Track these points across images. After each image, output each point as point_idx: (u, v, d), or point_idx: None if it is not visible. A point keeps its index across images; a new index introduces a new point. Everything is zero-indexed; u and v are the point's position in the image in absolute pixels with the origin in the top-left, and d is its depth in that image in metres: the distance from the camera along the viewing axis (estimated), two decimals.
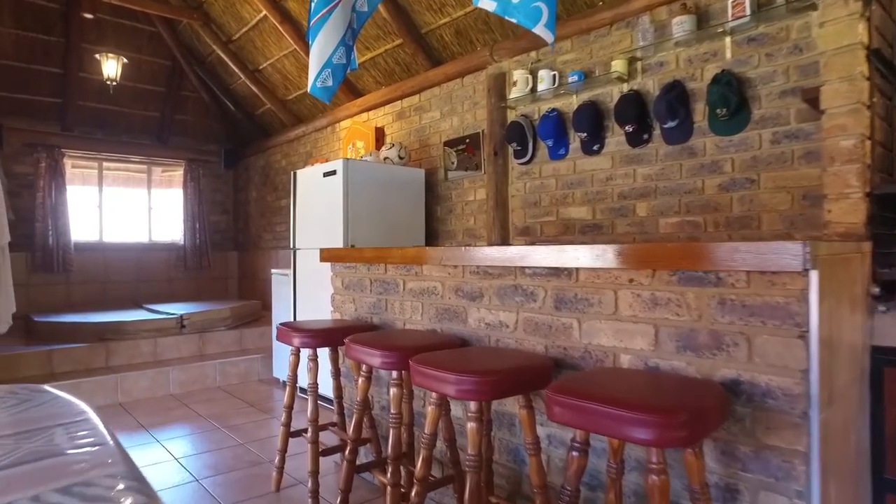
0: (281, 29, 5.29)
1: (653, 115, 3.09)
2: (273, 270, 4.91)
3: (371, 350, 2.01)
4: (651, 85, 3.14)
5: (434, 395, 1.71)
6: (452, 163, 4.42)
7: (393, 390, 2.02)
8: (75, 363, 4.47)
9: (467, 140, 4.26)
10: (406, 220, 4.32)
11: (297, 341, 2.43)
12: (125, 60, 5.59)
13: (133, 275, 7.09)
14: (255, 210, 7.51)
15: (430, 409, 1.75)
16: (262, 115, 7.03)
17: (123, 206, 7.27)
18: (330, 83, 2.99)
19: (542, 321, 1.98)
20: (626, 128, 3.18)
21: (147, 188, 7.45)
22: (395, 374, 2.01)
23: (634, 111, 3.13)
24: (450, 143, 4.41)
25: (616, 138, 3.34)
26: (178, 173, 7.57)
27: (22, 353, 4.31)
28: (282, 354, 4.76)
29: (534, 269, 1.99)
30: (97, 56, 5.49)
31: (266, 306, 6.45)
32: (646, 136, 3.17)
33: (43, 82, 6.33)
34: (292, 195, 4.43)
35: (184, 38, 6.65)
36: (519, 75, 3.73)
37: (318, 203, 4.16)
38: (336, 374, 2.73)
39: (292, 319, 4.44)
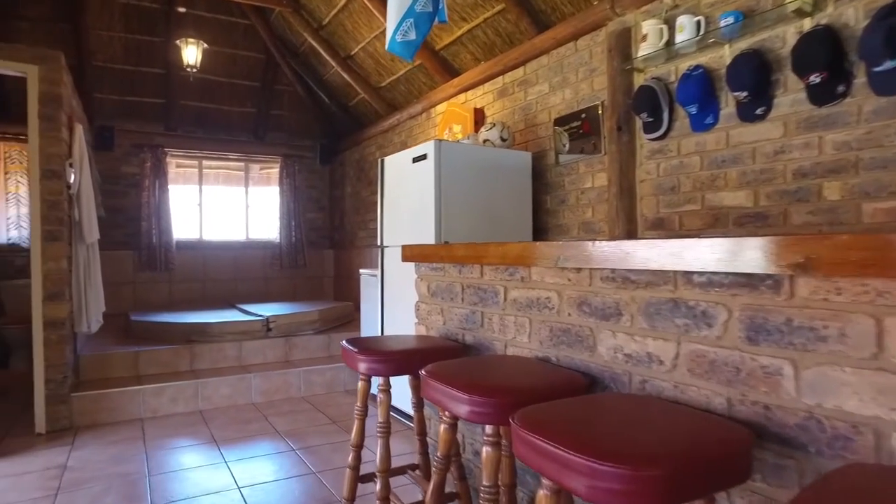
0: (370, 6, 4.84)
1: (857, 55, 2.20)
2: (361, 270, 4.46)
3: (456, 392, 1.38)
4: (852, 14, 2.25)
5: (550, 481, 1.05)
6: (564, 145, 3.70)
7: (486, 450, 1.38)
8: (161, 366, 4.27)
9: (583, 115, 3.52)
10: (509, 213, 3.67)
11: (363, 366, 1.86)
12: (205, 46, 5.39)
13: (230, 273, 7.02)
14: (350, 206, 7.19)
15: (541, 496, 1.09)
16: (355, 105, 6.67)
17: (222, 204, 7.24)
18: (412, 36, 2.42)
19: (721, 358, 1.25)
20: (811, 78, 2.31)
21: (244, 186, 7.37)
22: (489, 428, 1.37)
23: (824, 54, 2.26)
24: (561, 121, 3.70)
25: (791, 96, 2.47)
26: (275, 170, 7.43)
27: (112, 354, 4.16)
28: None
29: (709, 276, 1.27)
30: (177, 42, 5.32)
31: (359, 308, 6.06)
32: (841, 89, 2.29)
33: (148, 83, 6.37)
34: (379, 186, 3.93)
35: (276, 29, 6.44)
36: (650, 27, 2.95)
37: (406, 193, 3.62)
38: (418, 404, 2.14)
39: (379, 326, 3.94)
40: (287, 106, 7.25)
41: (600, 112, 3.38)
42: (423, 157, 3.38)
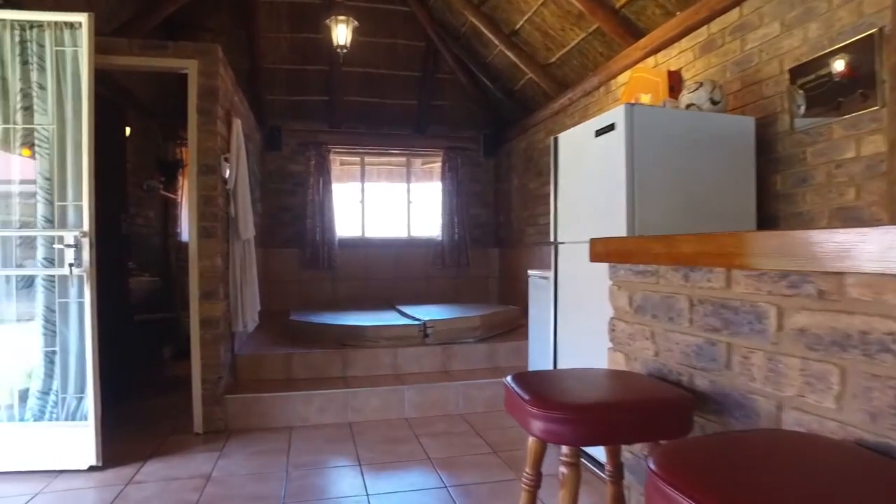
0: None
1: None
2: (530, 272, 3.81)
3: None
4: None
5: None
6: (799, 106, 2.70)
7: None
8: (312, 370, 4.04)
9: (840, 57, 2.49)
10: (725, 199, 2.76)
11: (539, 427, 1.20)
12: (356, 24, 5.09)
13: (391, 272, 6.83)
14: (517, 200, 6.59)
15: None
16: (522, 88, 6.05)
17: (384, 201, 7.09)
18: None
19: None
20: None
21: (406, 181, 7.14)
22: None
23: None
24: (801, 71, 2.69)
25: None
26: (437, 164, 7.10)
27: (266, 355, 4.03)
28: None
29: None
30: (326, 22, 5.09)
31: (527, 313, 5.43)
32: None
33: (313, 81, 6.39)
34: (552, 170, 3.25)
35: (436, 13, 6.05)
36: None
37: (587, 177, 2.89)
38: (615, 476, 1.43)
39: (552, 339, 3.26)
40: (449, 95, 6.86)
41: (877, 45, 2.33)
42: (610, 127, 2.62)
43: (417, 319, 4.52)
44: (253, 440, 3.35)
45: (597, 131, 2.77)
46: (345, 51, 5.09)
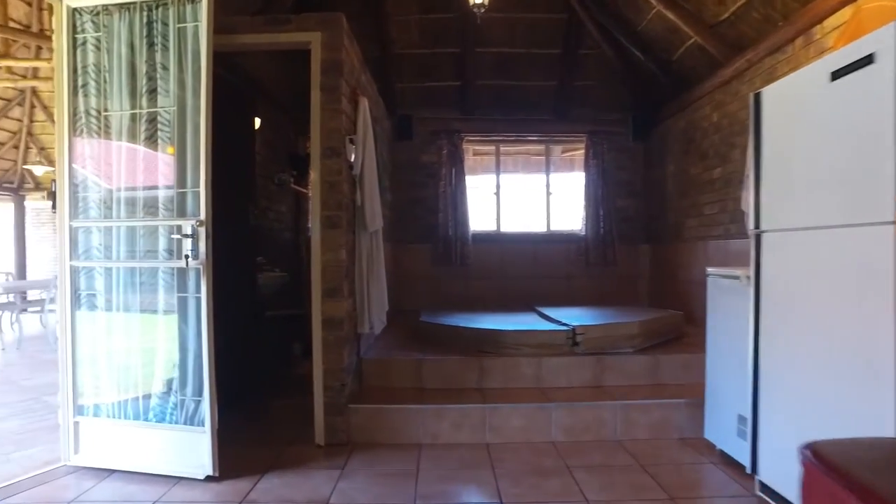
0: None
1: None
2: (710, 270, 3.03)
3: None
4: None
5: None
6: None
7: None
8: (445, 379, 3.58)
9: None
10: None
11: None
12: None
13: (529, 270, 6.23)
14: (673, 189, 5.69)
15: None
16: (681, 58, 5.16)
17: (520, 193, 6.52)
18: None
19: None
20: None
21: (545, 171, 6.51)
22: None
23: None
24: None
25: None
26: (580, 152, 6.39)
27: (395, 360, 3.65)
28: (722, 404, 2.86)
29: None
30: None
31: (691, 319, 4.58)
32: None
33: (444, 66, 6.01)
34: (753, 137, 2.47)
35: None
36: None
37: (817, 138, 2.10)
38: None
39: (751, 360, 2.49)
40: (593, 73, 6.11)
41: None
42: (866, 61, 1.81)
43: (565, 325, 3.89)
44: (378, 458, 2.95)
45: (833, 73, 1.97)
46: (482, 9, 4.55)
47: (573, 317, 4.26)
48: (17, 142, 9.79)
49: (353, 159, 3.21)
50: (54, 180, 2.80)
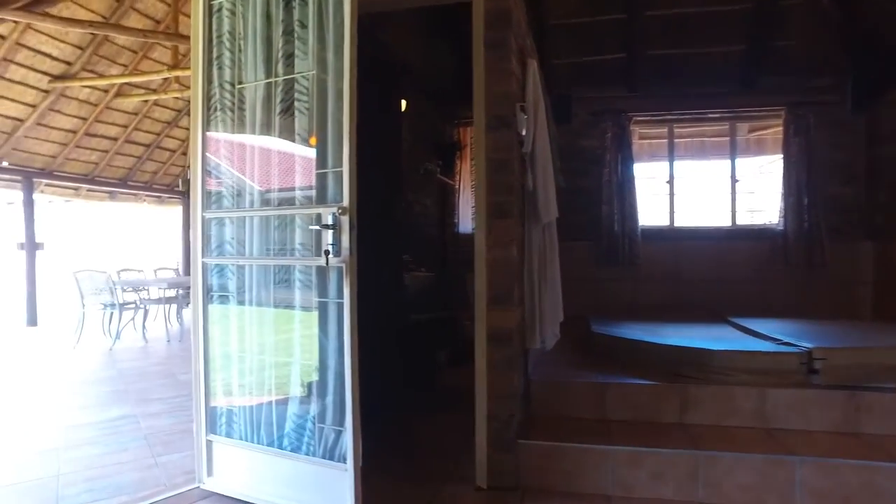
0: None
1: None
2: None
3: None
4: None
5: None
6: None
7: None
8: (634, 410, 2.81)
9: None
10: None
11: None
12: None
13: (711, 272, 5.19)
14: None
15: None
16: None
17: (698, 182, 5.49)
18: None
19: None
20: None
21: (729, 155, 5.42)
22: None
23: None
24: None
25: None
26: (775, 129, 5.22)
27: (570, 384, 2.94)
28: None
29: None
30: None
31: None
32: None
33: (606, 36, 5.18)
34: None
35: None
36: None
37: None
38: None
39: None
40: (794, 29, 4.92)
41: None
42: None
43: (793, 345, 2.94)
44: None
45: None
46: None
47: (789, 333, 3.27)
48: (185, 149, 10.50)
49: (524, 133, 2.56)
50: (189, 167, 2.47)
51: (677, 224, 5.39)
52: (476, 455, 2.48)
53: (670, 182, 5.39)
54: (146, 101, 8.90)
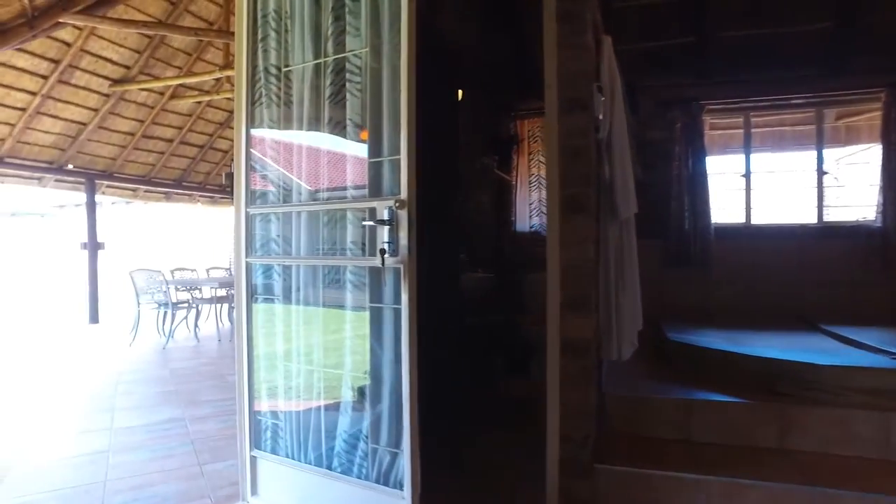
0: None
1: None
2: None
3: None
4: None
5: None
6: None
7: None
8: (725, 431, 2.46)
9: None
10: None
11: None
12: None
13: (793, 274, 4.70)
14: None
15: None
16: None
17: (779, 175, 5.02)
18: None
19: None
20: None
21: (815, 145, 4.92)
22: None
23: None
24: None
25: None
26: (870, 116, 4.70)
27: (649, 400, 2.62)
28: None
29: None
30: None
31: None
32: None
33: (674, 18, 4.77)
34: None
35: None
36: None
37: None
38: None
39: None
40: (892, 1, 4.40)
41: None
42: None
43: None
44: None
45: None
46: None
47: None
48: None
49: (600, 116, 2.26)
50: (232, 161, 2.29)
51: (754, 221, 4.93)
52: (546, 480, 2.19)
53: (746, 176, 4.93)
54: (199, 103, 8.99)
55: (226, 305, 7.77)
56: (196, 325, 7.20)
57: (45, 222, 19.21)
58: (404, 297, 1.74)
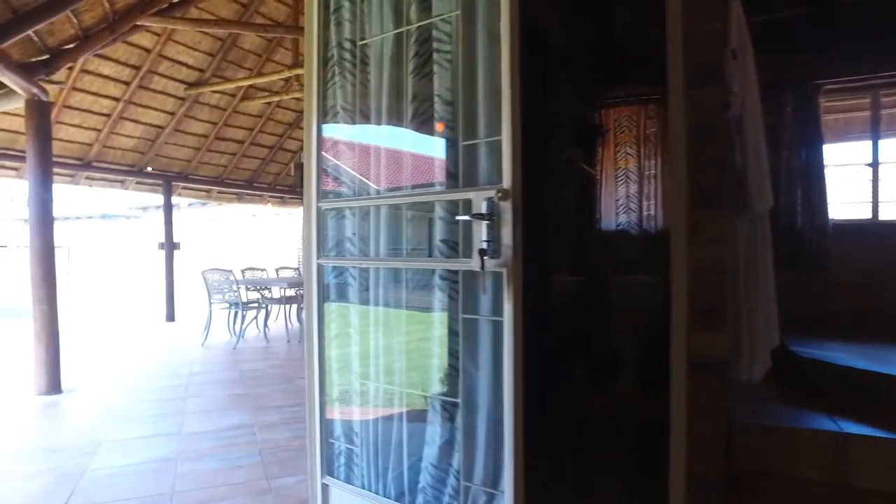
0: None
1: None
2: None
3: None
4: None
5: None
6: None
7: None
8: (890, 475, 1.99)
9: None
10: None
11: None
12: None
13: None
14: None
15: None
16: None
17: None
18: None
19: None
20: None
21: None
22: None
23: None
24: None
25: None
26: None
27: (787, 431, 2.17)
28: None
29: None
30: None
31: None
32: None
33: None
34: None
35: None
36: None
37: None
38: None
39: None
40: None
41: None
42: None
43: None
44: None
45: None
46: None
47: None
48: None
49: (735, 90, 1.86)
50: (302, 150, 2.04)
51: (883, 217, 4.28)
52: None
53: (873, 165, 4.29)
54: (269, 104, 9.05)
55: (294, 305, 7.74)
56: (265, 325, 7.18)
57: (129, 224, 20.28)
58: (507, 308, 1.42)
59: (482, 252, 1.40)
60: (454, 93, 1.60)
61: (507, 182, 1.44)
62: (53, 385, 4.48)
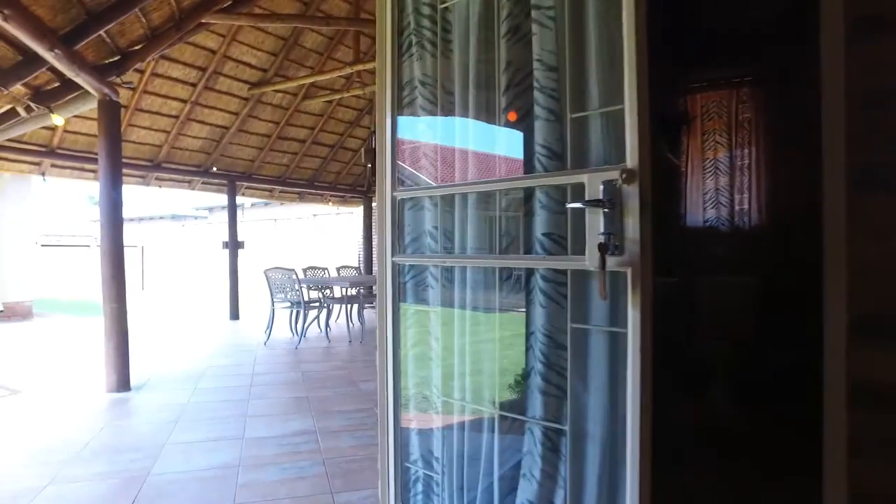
0: None
1: None
2: None
3: None
4: None
5: None
6: None
7: None
8: None
9: None
10: None
11: None
12: None
13: None
14: None
15: None
16: None
17: None
18: None
19: None
20: None
21: None
22: None
23: None
24: None
25: None
26: None
27: None
28: None
29: None
30: None
31: None
32: None
33: None
34: None
35: None
36: None
37: None
38: None
39: None
40: None
41: None
42: None
43: None
44: None
45: None
46: None
47: None
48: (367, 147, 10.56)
49: None
50: (373, 133, 1.81)
51: None
52: None
53: None
54: (330, 103, 9.02)
55: (356, 305, 7.65)
56: (327, 325, 7.11)
57: (197, 224, 21.04)
58: (632, 317, 1.14)
59: (603, 247, 1.12)
60: (558, 56, 1.33)
61: (631, 161, 1.16)
62: (122, 383, 4.49)
